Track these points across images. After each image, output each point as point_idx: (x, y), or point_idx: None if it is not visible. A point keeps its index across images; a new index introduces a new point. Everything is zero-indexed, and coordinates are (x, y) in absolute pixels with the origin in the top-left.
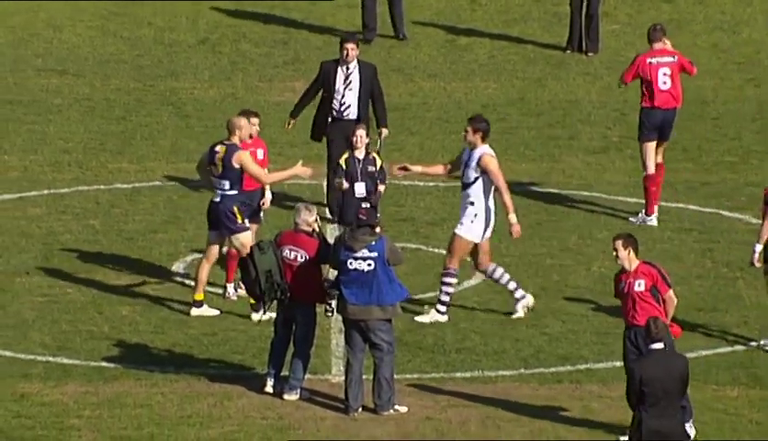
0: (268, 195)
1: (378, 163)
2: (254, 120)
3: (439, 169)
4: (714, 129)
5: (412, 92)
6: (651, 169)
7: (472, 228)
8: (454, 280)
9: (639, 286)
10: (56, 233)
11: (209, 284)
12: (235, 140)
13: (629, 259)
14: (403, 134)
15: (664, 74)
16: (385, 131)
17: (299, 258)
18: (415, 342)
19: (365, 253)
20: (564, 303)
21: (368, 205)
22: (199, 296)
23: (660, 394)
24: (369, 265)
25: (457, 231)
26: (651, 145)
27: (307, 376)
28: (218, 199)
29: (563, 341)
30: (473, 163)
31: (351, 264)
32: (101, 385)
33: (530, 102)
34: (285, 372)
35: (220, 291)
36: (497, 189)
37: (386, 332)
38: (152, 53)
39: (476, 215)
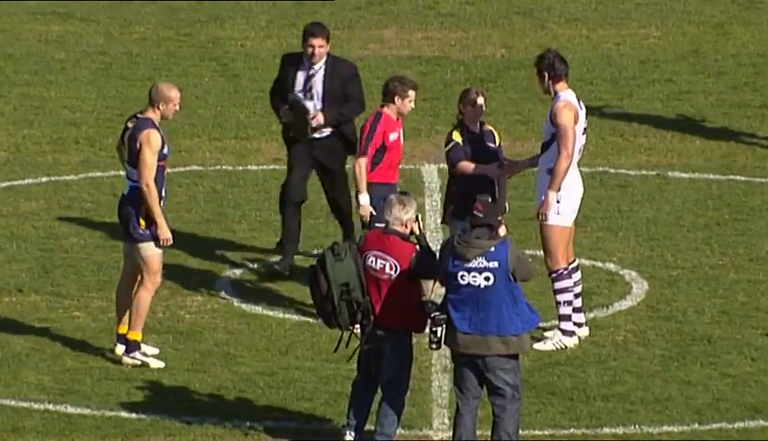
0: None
1: (498, 138)
2: (411, 94)
3: None
4: None
5: (544, 43)
6: None
7: (562, 208)
8: (569, 282)
9: None
10: (58, 236)
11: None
12: (153, 114)
13: None
14: (530, 102)
15: None
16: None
17: (387, 269)
18: (547, 385)
19: (481, 262)
20: (753, 334)
21: (488, 196)
22: (136, 335)
23: None
24: (487, 279)
25: (543, 221)
26: None
27: (399, 430)
28: (126, 192)
29: (753, 386)
30: (549, 115)
31: (463, 278)
32: None
33: (707, 56)
34: (369, 425)
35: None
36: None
37: (510, 371)
38: None
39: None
